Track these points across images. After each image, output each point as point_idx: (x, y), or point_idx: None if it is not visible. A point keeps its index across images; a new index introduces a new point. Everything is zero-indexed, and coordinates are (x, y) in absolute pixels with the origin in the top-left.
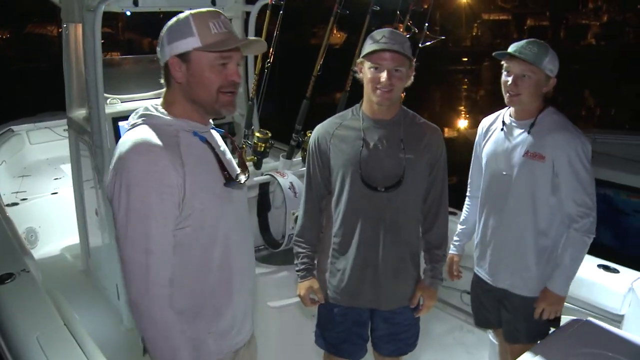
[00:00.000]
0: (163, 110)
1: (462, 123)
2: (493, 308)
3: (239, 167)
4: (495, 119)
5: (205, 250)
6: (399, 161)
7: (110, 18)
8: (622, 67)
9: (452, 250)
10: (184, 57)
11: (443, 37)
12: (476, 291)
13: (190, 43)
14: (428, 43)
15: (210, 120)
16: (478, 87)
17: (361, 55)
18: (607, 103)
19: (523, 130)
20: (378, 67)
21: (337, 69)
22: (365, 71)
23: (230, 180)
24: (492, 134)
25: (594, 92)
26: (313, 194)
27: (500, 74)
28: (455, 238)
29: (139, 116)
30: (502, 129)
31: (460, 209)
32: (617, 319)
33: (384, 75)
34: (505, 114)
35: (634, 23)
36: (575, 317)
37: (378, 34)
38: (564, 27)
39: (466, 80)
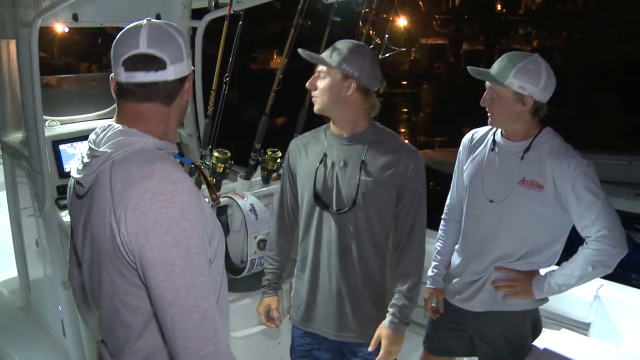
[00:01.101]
0: (142, 133)
1: None
2: (460, 339)
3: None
4: (484, 135)
5: (216, 284)
6: (355, 183)
7: (45, 42)
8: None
9: (429, 283)
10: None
11: (404, 49)
12: (443, 323)
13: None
14: (387, 54)
15: None
16: (417, 110)
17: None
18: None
19: (517, 153)
20: None
21: (298, 85)
22: None
23: (216, 201)
24: (478, 152)
25: None
26: (284, 208)
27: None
28: (434, 270)
29: (118, 143)
30: (492, 149)
31: None
32: (585, 327)
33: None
34: (497, 131)
35: (560, 49)
36: (548, 330)
37: None
38: (497, 51)
39: (405, 103)
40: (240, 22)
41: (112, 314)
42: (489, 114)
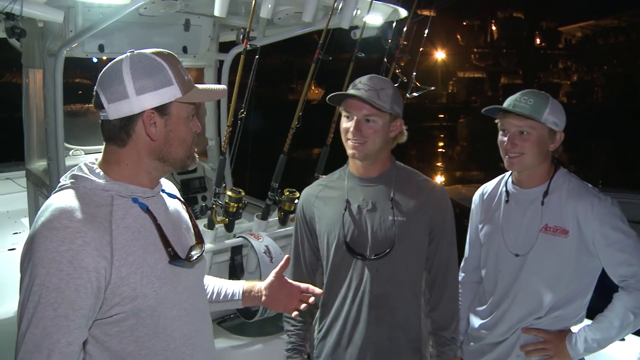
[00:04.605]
0: (99, 171)
1: (439, 179)
2: None
3: (195, 238)
4: (495, 188)
5: (142, 342)
6: (389, 224)
7: (90, 69)
8: (591, 124)
9: None
10: (163, 109)
11: (432, 88)
12: None
13: (172, 93)
14: (415, 94)
15: (162, 181)
16: (454, 143)
17: (327, 100)
18: (578, 160)
19: (535, 200)
20: (349, 115)
21: (318, 122)
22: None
23: (175, 258)
24: (493, 207)
25: (566, 149)
26: (302, 266)
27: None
28: None
29: (70, 176)
30: (506, 201)
31: None
32: None
33: (352, 125)
34: (507, 181)
35: (601, 83)
36: None
37: (357, 80)
38: (536, 86)
39: (442, 136)
40: (257, 57)
41: None
42: (513, 155)
